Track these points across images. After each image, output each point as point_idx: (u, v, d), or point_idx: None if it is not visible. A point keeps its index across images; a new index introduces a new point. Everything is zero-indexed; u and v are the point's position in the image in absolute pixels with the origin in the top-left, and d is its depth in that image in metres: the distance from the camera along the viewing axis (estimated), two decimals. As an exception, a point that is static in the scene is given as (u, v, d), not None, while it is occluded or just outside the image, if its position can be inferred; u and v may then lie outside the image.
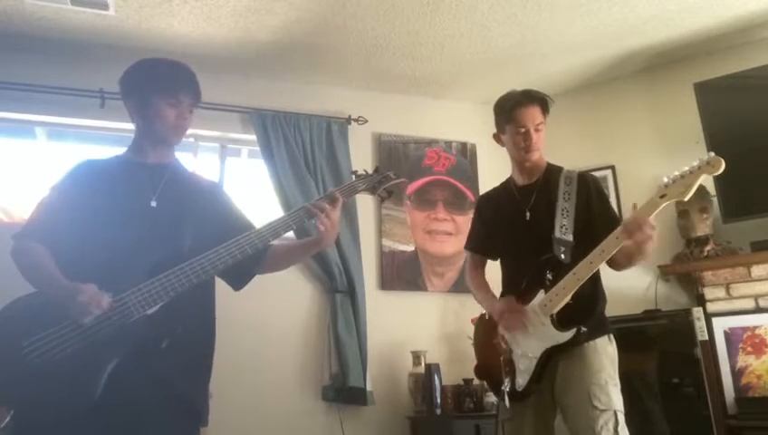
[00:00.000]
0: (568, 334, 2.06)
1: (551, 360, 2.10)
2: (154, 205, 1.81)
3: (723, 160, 1.87)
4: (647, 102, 4.01)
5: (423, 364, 3.58)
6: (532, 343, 2.12)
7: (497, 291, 2.37)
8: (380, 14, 3.31)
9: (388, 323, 3.78)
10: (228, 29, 3.39)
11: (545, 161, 2.35)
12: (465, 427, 3.33)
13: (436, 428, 3.45)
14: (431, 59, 3.82)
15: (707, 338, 3.25)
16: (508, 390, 2.13)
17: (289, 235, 2.06)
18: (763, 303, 3.31)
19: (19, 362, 1.54)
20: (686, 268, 3.55)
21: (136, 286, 1.63)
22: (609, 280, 2.26)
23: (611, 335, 2.17)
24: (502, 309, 2.20)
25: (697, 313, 3.30)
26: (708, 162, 1.89)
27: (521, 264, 2.22)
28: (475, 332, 2.46)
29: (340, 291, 3.66)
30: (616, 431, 1.97)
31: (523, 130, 2.23)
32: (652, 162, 3.75)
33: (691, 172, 1.91)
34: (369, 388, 3.53)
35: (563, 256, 2.10)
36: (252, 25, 3.37)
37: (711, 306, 3.40)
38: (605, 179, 3.90)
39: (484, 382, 3.42)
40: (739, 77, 3.52)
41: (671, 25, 3.55)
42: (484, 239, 2.45)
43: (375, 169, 2.13)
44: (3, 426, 1.53)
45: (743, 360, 3.27)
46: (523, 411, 2.15)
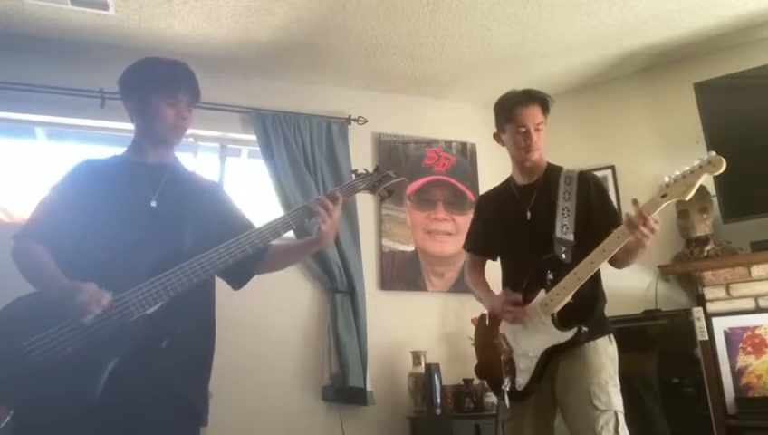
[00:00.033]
0: (569, 334, 2.06)
1: (551, 359, 2.10)
2: (154, 205, 1.80)
3: (724, 160, 1.87)
4: (647, 102, 4.01)
5: (423, 364, 3.58)
6: (533, 342, 2.12)
7: (497, 290, 2.36)
8: (380, 14, 3.31)
9: (388, 323, 3.78)
10: (228, 29, 3.39)
11: (545, 161, 2.35)
12: (465, 427, 3.33)
13: (436, 428, 3.45)
14: (431, 59, 3.82)
15: (707, 338, 3.25)
16: (508, 389, 2.13)
17: (288, 234, 2.05)
18: (763, 303, 3.31)
19: (19, 361, 1.54)
20: (686, 268, 3.55)
21: (136, 286, 1.63)
22: (609, 280, 2.26)
23: (611, 336, 2.17)
24: (503, 301, 2.20)
25: (697, 313, 3.30)
26: (710, 161, 1.89)
27: (521, 263, 2.22)
28: (475, 331, 2.46)
29: (340, 291, 3.66)
30: (616, 431, 1.97)
31: (523, 129, 2.23)
32: (652, 162, 3.75)
33: (692, 172, 1.90)
34: (369, 388, 3.53)
35: (564, 256, 2.10)
36: (252, 25, 3.37)
37: (711, 306, 3.40)
38: (605, 179, 3.90)
39: (484, 382, 3.42)
40: (739, 77, 3.52)
41: (671, 25, 3.55)
42: (483, 239, 2.45)
43: (375, 168, 2.12)
44: (3, 425, 1.53)
45: (743, 360, 3.27)
46: (523, 411, 2.16)
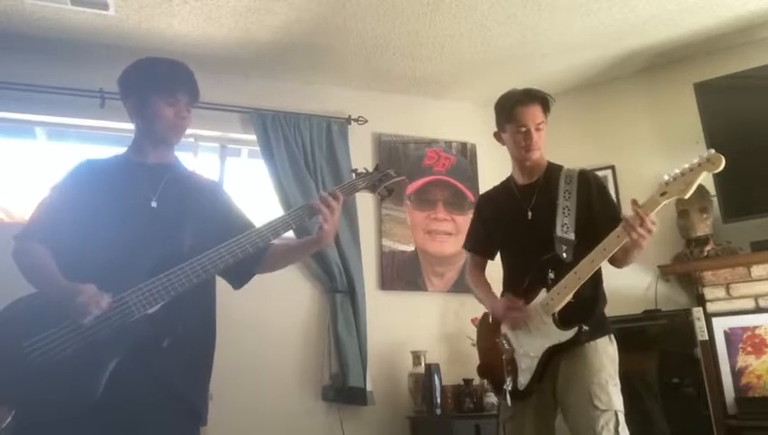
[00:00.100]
0: (569, 333, 2.06)
1: (552, 359, 2.10)
2: (154, 205, 1.80)
3: (723, 157, 1.87)
4: (647, 102, 4.01)
5: (423, 364, 3.58)
6: (534, 342, 2.12)
7: (498, 290, 2.36)
8: (380, 14, 3.31)
9: (388, 323, 3.78)
10: (228, 29, 3.39)
11: (546, 160, 2.35)
12: (465, 427, 3.32)
13: (436, 428, 3.45)
14: (431, 59, 3.82)
15: (707, 338, 3.25)
16: (510, 389, 2.13)
17: (288, 234, 2.05)
18: (763, 303, 3.31)
19: (20, 362, 1.54)
20: (686, 268, 3.55)
21: (137, 286, 1.63)
22: (609, 280, 2.26)
23: (612, 335, 2.17)
24: (504, 306, 2.20)
25: (697, 313, 3.30)
26: (709, 159, 1.88)
27: (522, 263, 2.22)
28: (477, 331, 2.46)
29: (340, 291, 3.66)
30: (616, 431, 1.97)
31: (523, 129, 2.22)
32: (652, 162, 3.75)
33: (691, 170, 1.90)
34: (369, 388, 3.53)
35: (565, 255, 2.10)
36: (252, 25, 3.37)
37: (711, 306, 3.40)
38: (605, 179, 3.90)
39: (484, 382, 3.43)
40: (739, 77, 3.52)
41: (671, 25, 3.55)
42: (483, 239, 2.45)
43: (375, 167, 2.11)
44: (4, 426, 1.53)
45: (743, 360, 3.27)
46: (524, 410, 2.15)
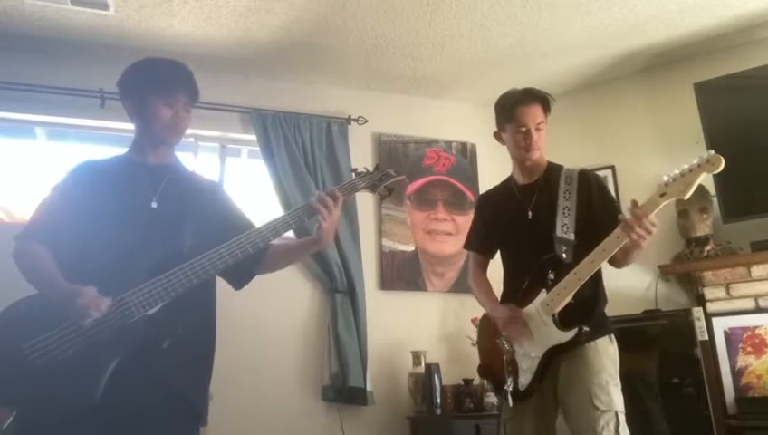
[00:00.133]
0: (570, 334, 2.06)
1: (553, 360, 2.10)
2: (155, 206, 1.80)
3: (722, 158, 1.86)
4: (647, 102, 4.01)
5: (423, 364, 3.58)
6: (535, 342, 2.11)
7: (498, 289, 2.36)
8: (380, 14, 3.31)
9: (388, 323, 3.78)
10: (228, 29, 3.39)
11: (546, 160, 2.34)
12: (465, 427, 3.32)
13: (436, 428, 3.45)
14: (431, 59, 3.82)
15: (707, 338, 3.25)
16: (511, 389, 2.13)
17: (288, 234, 2.05)
18: (763, 303, 3.31)
19: (21, 363, 1.54)
20: (686, 268, 3.55)
21: (137, 287, 1.63)
22: (609, 280, 2.25)
23: (612, 335, 2.17)
24: (505, 317, 2.18)
25: (697, 313, 3.30)
26: (708, 160, 1.87)
27: (522, 263, 2.22)
28: (478, 331, 2.46)
29: (340, 291, 3.66)
30: (617, 432, 1.96)
31: (523, 128, 2.22)
32: (652, 162, 3.75)
33: (691, 170, 1.89)
34: (369, 388, 3.53)
35: (565, 256, 2.09)
36: (252, 25, 3.37)
37: (711, 306, 3.40)
38: (605, 179, 3.90)
39: (484, 382, 3.43)
40: (739, 77, 3.52)
41: (671, 25, 3.55)
42: (484, 238, 2.44)
43: (375, 166, 2.10)
44: (5, 427, 1.54)
45: (743, 360, 3.27)
46: (524, 411, 2.15)
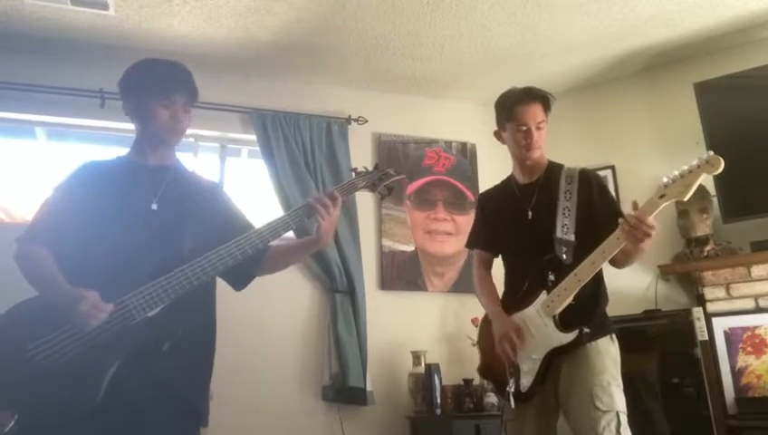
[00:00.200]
0: (570, 335, 2.05)
1: (554, 361, 2.10)
2: (155, 208, 1.80)
3: (722, 160, 1.85)
4: (647, 102, 4.01)
5: (423, 364, 3.58)
6: (536, 344, 2.11)
7: (500, 290, 2.35)
8: (380, 14, 3.31)
9: (388, 323, 3.78)
10: (228, 29, 3.39)
11: (546, 159, 2.33)
12: (465, 427, 3.32)
13: (436, 428, 3.45)
14: (431, 59, 3.82)
15: (707, 338, 3.25)
16: (513, 391, 2.12)
17: (288, 234, 2.05)
18: (763, 303, 3.31)
19: (23, 365, 1.55)
20: (686, 268, 3.55)
21: (137, 289, 1.63)
22: (609, 280, 2.25)
23: (614, 335, 2.16)
24: (501, 335, 2.16)
25: (697, 313, 3.30)
26: (707, 161, 1.87)
27: (523, 263, 2.21)
28: (479, 331, 2.45)
29: (340, 291, 3.66)
30: (618, 432, 1.96)
31: (524, 128, 2.21)
32: (652, 162, 3.75)
33: (690, 172, 1.89)
34: (369, 388, 3.53)
35: (565, 257, 2.09)
36: (252, 25, 3.37)
37: (711, 306, 3.40)
38: (605, 179, 3.90)
39: (484, 382, 3.43)
40: (739, 77, 3.52)
41: (671, 25, 3.55)
42: (486, 236, 2.42)
43: (375, 165, 2.10)
44: (7, 429, 1.54)
45: (743, 360, 3.27)
46: (525, 412, 2.15)
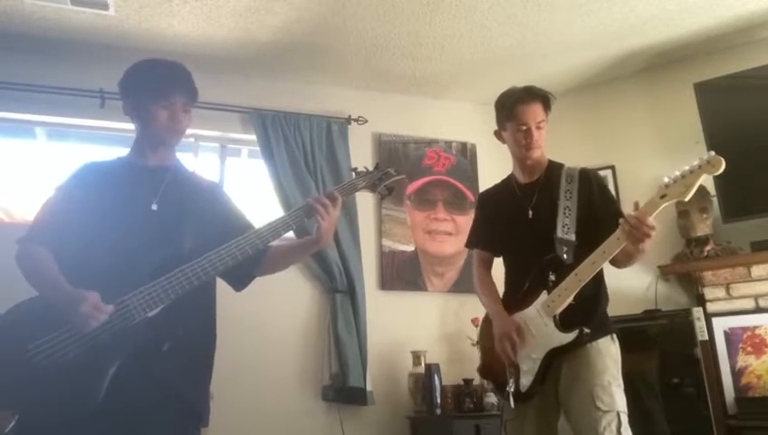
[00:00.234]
0: (570, 336, 2.05)
1: (554, 361, 2.09)
2: (155, 208, 1.80)
3: (723, 160, 1.85)
4: (647, 102, 4.01)
5: (423, 364, 3.58)
6: (536, 344, 2.11)
7: (500, 290, 2.35)
8: (380, 14, 3.31)
9: (388, 323, 3.78)
10: (228, 29, 3.39)
11: (546, 159, 2.32)
12: (465, 427, 3.32)
13: (436, 428, 3.45)
14: (431, 59, 3.82)
15: (707, 338, 3.25)
16: (513, 390, 2.12)
17: (288, 235, 2.05)
18: (763, 303, 3.31)
19: (24, 365, 1.55)
20: (686, 268, 3.55)
21: (137, 289, 1.63)
22: (609, 280, 2.25)
23: (614, 335, 2.16)
24: (501, 334, 2.16)
25: (697, 313, 3.30)
26: (709, 162, 1.87)
27: (523, 263, 2.21)
28: (480, 331, 2.46)
29: (340, 291, 3.66)
30: (619, 432, 1.96)
31: (524, 127, 2.20)
32: (652, 162, 3.75)
33: (691, 172, 1.88)
34: (369, 388, 3.53)
35: (566, 257, 2.08)
36: (252, 25, 3.37)
37: (711, 306, 3.40)
38: (605, 179, 3.90)
39: (484, 382, 3.43)
40: (739, 77, 3.52)
41: (671, 25, 3.55)
42: (487, 235, 2.41)
43: (375, 165, 2.09)
44: (8, 429, 1.54)
45: (743, 360, 3.27)
46: (525, 412, 2.14)
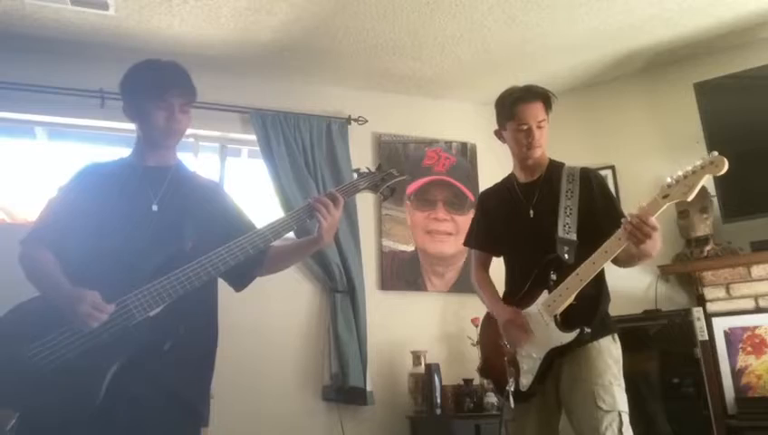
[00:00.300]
0: (571, 335, 2.05)
1: (554, 360, 2.09)
2: (155, 208, 1.80)
3: (726, 160, 1.85)
4: (647, 102, 4.01)
5: (423, 364, 3.58)
6: (536, 343, 2.10)
7: (500, 289, 2.35)
8: (380, 14, 3.31)
9: (388, 323, 3.78)
10: (228, 29, 3.39)
11: (547, 158, 2.31)
12: (465, 427, 3.33)
13: (436, 428, 3.45)
14: (431, 59, 3.82)
15: (707, 338, 3.26)
16: (512, 390, 2.12)
17: (288, 235, 2.05)
18: (763, 303, 3.32)
19: (25, 365, 1.54)
20: (686, 268, 3.55)
21: (138, 289, 1.62)
22: (609, 280, 2.24)
23: (615, 335, 2.16)
24: (503, 321, 2.17)
25: (697, 313, 3.30)
26: (711, 162, 1.86)
27: (524, 263, 2.20)
28: (480, 331, 2.46)
29: (340, 291, 3.66)
30: (620, 432, 1.96)
31: (525, 126, 2.19)
32: (652, 162, 3.75)
33: (694, 172, 1.88)
34: (369, 388, 3.53)
35: (567, 256, 2.08)
36: (252, 25, 3.36)
37: (711, 306, 3.41)
38: (605, 179, 3.90)
39: (484, 382, 3.43)
40: (739, 77, 3.53)
41: (671, 25, 3.55)
42: (486, 235, 2.40)
43: (377, 166, 2.08)
44: (8, 429, 1.54)
45: (743, 360, 3.27)
46: (526, 411, 2.14)
